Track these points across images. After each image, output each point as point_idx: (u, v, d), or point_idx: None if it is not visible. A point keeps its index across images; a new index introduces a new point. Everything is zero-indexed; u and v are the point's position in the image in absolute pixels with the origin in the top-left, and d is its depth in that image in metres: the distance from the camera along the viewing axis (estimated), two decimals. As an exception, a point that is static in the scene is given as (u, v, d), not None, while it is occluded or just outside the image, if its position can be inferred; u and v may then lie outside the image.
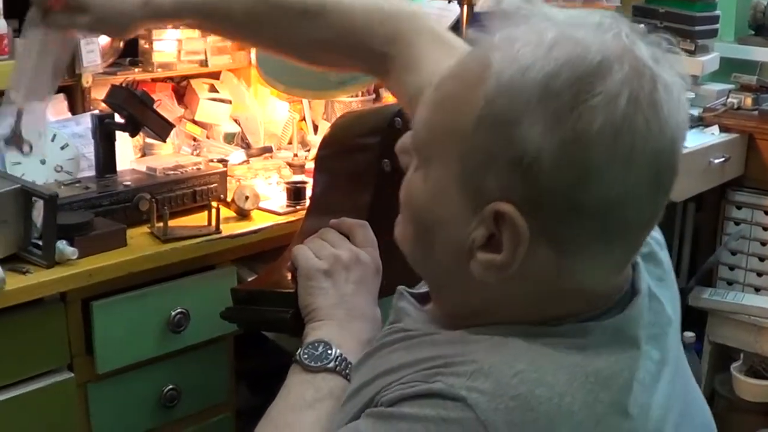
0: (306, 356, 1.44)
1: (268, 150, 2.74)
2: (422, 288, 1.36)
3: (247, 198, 2.20)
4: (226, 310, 1.89)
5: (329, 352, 1.44)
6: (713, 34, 4.08)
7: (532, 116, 1.02)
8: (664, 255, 1.31)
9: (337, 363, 1.42)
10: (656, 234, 1.30)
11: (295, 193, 2.27)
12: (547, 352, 1.09)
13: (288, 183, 2.34)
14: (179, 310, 2.04)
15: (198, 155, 2.62)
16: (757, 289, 3.84)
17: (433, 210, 1.15)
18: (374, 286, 1.62)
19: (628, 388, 1.10)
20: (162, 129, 2.24)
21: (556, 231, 1.06)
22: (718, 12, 4.10)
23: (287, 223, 2.21)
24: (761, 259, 3.84)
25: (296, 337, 1.85)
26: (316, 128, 2.94)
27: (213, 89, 2.83)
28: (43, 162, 2.25)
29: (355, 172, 1.95)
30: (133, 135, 2.25)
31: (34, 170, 2.24)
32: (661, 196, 1.09)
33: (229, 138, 2.79)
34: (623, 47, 1.04)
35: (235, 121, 2.86)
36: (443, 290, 1.23)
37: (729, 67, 4.14)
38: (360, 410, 1.17)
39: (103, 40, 2.51)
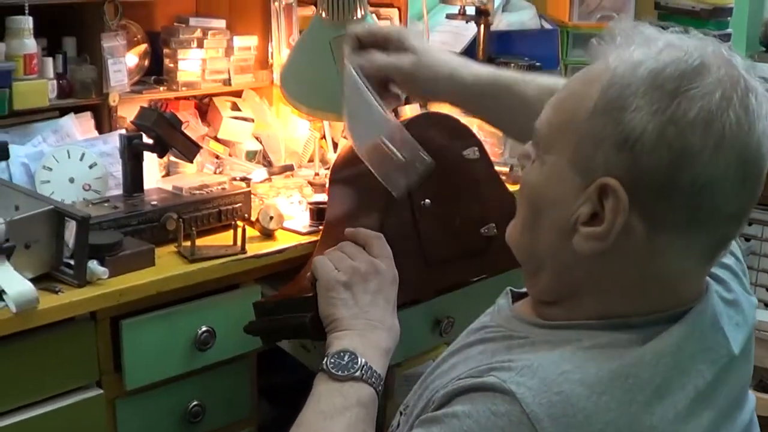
0: (333, 366, 1.56)
1: (289, 168, 2.78)
2: (523, 289, 1.48)
3: (271, 218, 2.24)
4: (249, 323, 2.00)
5: (355, 361, 1.57)
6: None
7: (638, 103, 1.20)
8: (750, 313, 1.44)
9: (363, 372, 1.55)
10: (753, 298, 1.46)
11: (318, 213, 2.31)
12: (593, 357, 1.22)
13: (311, 203, 2.38)
14: (205, 328, 2.09)
15: (221, 173, 2.67)
16: (767, 304, 3.88)
17: (547, 192, 1.31)
18: (392, 295, 1.75)
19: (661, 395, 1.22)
20: (189, 150, 2.29)
21: (652, 206, 1.21)
22: (729, 30, 4.14)
23: (310, 243, 2.25)
24: (768, 290, 3.89)
25: (316, 341, 1.92)
26: (335, 146, 2.98)
27: (235, 107, 2.89)
28: (71, 180, 2.30)
29: (370, 191, 2.02)
30: (161, 156, 2.31)
31: (63, 189, 2.29)
32: (746, 193, 1.22)
33: (251, 156, 2.84)
34: (722, 56, 1.22)
35: (257, 138, 2.90)
36: (540, 273, 1.36)
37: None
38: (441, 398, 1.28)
39: (131, 60, 2.57)
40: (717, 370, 1.29)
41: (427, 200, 2.04)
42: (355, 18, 2.38)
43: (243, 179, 2.55)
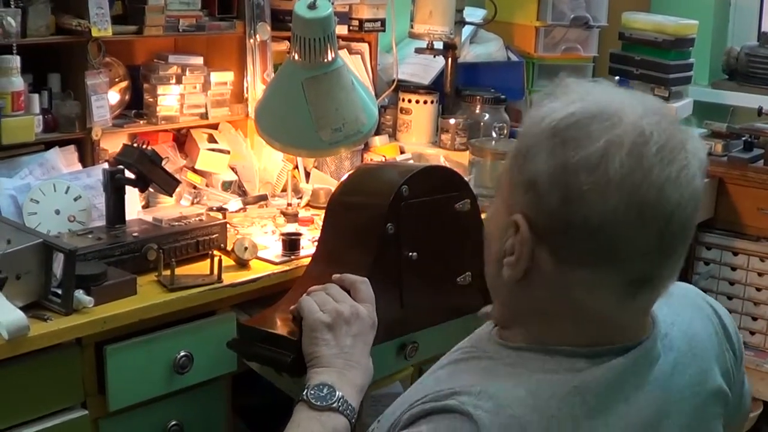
0: (312, 397, 1.73)
1: (263, 198, 2.91)
2: None
3: (246, 249, 2.37)
4: (234, 341, 2.13)
5: (333, 394, 1.74)
6: (687, 81, 4.25)
7: (539, 150, 1.32)
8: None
9: (339, 404, 1.73)
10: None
11: (290, 244, 2.45)
12: (546, 383, 1.35)
13: (283, 234, 2.51)
14: (183, 353, 2.21)
15: (198, 203, 2.80)
16: (752, 333, 4.03)
17: (489, 228, 1.48)
18: (369, 339, 1.91)
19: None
20: (169, 185, 2.43)
21: (555, 242, 1.34)
22: (692, 60, 4.26)
23: (283, 272, 2.39)
24: (729, 298, 4.03)
25: (292, 378, 2.05)
26: (308, 176, 3.12)
27: (212, 139, 3.01)
28: (57, 212, 2.42)
29: (362, 230, 2.17)
30: (142, 191, 2.44)
31: (49, 220, 2.41)
32: (650, 233, 1.31)
33: (227, 186, 2.97)
34: (631, 107, 1.32)
35: (233, 169, 3.03)
36: (495, 299, 1.52)
37: (703, 111, 4.33)
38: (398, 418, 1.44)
39: (113, 97, 2.70)
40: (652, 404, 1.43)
41: (414, 253, 2.18)
42: (325, 60, 2.51)
43: (219, 209, 2.68)
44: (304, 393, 1.75)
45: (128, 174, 2.40)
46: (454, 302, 2.30)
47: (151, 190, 2.66)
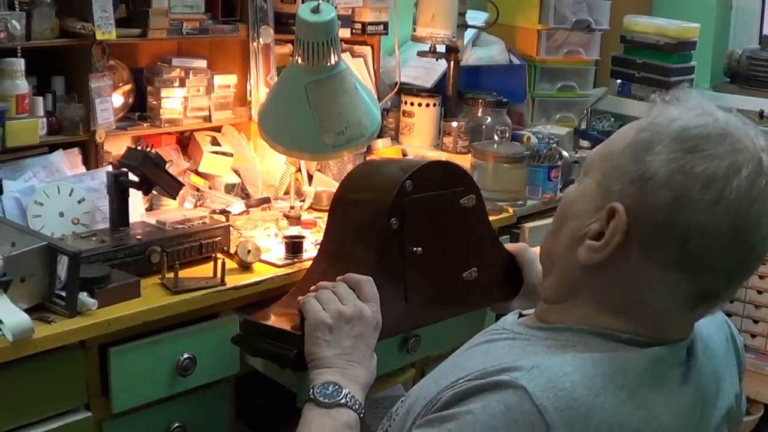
0: (319, 395, 1.76)
1: (266, 201, 2.92)
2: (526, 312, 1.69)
3: (249, 252, 2.38)
4: (238, 336, 2.15)
5: (339, 391, 1.77)
6: (688, 84, 4.22)
7: (660, 149, 1.40)
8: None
9: (347, 399, 1.75)
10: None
11: (293, 247, 2.46)
12: (591, 362, 1.41)
13: (286, 237, 2.52)
14: (186, 355, 2.21)
15: (201, 205, 2.81)
16: (753, 336, 4.05)
17: (574, 206, 1.53)
18: (372, 340, 1.93)
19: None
20: (172, 188, 2.44)
21: (649, 238, 1.41)
22: (693, 63, 4.28)
23: (285, 275, 2.40)
24: (730, 301, 4.03)
25: (294, 372, 2.06)
26: (310, 179, 3.12)
27: (215, 141, 3.02)
28: (61, 215, 2.43)
29: (365, 226, 2.17)
30: (146, 193, 2.45)
31: (53, 222, 2.42)
32: (734, 255, 1.41)
33: (230, 188, 2.97)
34: (751, 139, 1.41)
35: (236, 172, 3.04)
36: (550, 274, 1.60)
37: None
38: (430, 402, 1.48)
39: (117, 100, 2.70)
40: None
41: (419, 248, 2.17)
42: (328, 64, 2.52)
43: (222, 212, 2.69)
44: (309, 393, 1.76)
45: (132, 177, 2.41)
46: (459, 298, 2.30)
47: (154, 192, 2.68)
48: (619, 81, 4.41)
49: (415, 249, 2.17)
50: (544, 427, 1.33)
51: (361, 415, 1.76)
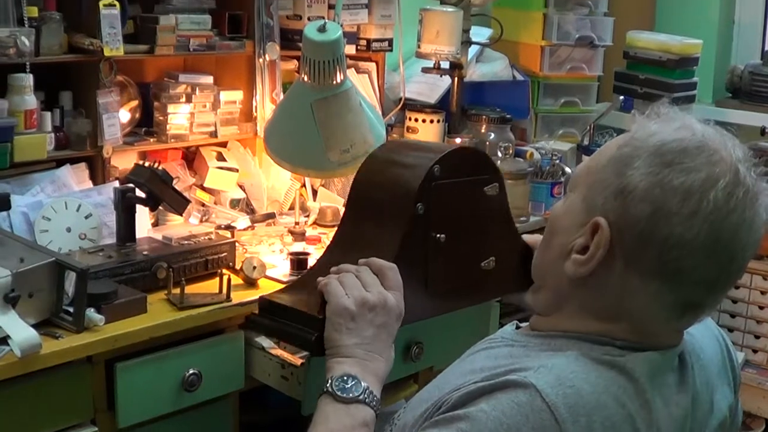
0: (338, 389, 1.70)
1: (271, 216, 2.94)
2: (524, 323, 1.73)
3: (254, 268, 2.40)
4: (256, 316, 2.08)
5: (358, 385, 1.71)
6: (691, 99, 4.29)
7: (640, 164, 1.45)
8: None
9: (366, 395, 1.70)
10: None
11: (298, 263, 2.47)
12: (592, 363, 1.46)
13: (291, 254, 2.54)
14: (192, 370, 2.23)
15: (207, 220, 2.83)
16: (755, 351, 4.05)
17: (561, 221, 1.58)
18: (394, 329, 1.85)
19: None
20: (179, 205, 2.46)
21: (631, 249, 1.46)
22: (695, 78, 4.29)
23: (291, 291, 2.40)
24: (732, 316, 4.06)
25: (314, 356, 2.02)
26: (315, 194, 3.14)
27: (221, 157, 3.04)
28: (68, 230, 2.45)
29: (390, 209, 2.09)
30: (153, 210, 2.46)
31: (60, 237, 2.44)
32: (714, 266, 1.45)
33: (235, 204, 3.00)
34: (729, 153, 1.45)
35: (241, 187, 3.06)
36: (542, 288, 1.64)
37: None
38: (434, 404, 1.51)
39: (124, 116, 2.72)
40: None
41: (442, 235, 2.09)
42: (334, 82, 2.54)
43: (227, 227, 2.71)
44: (327, 384, 1.70)
45: (139, 193, 2.43)
46: (476, 287, 2.25)
47: (160, 208, 2.69)
48: (621, 97, 4.43)
49: (438, 235, 2.09)
50: (555, 423, 1.37)
51: (378, 412, 1.70)
